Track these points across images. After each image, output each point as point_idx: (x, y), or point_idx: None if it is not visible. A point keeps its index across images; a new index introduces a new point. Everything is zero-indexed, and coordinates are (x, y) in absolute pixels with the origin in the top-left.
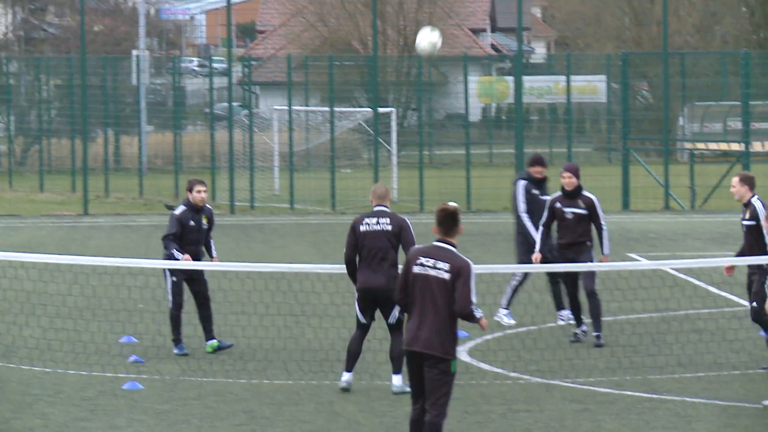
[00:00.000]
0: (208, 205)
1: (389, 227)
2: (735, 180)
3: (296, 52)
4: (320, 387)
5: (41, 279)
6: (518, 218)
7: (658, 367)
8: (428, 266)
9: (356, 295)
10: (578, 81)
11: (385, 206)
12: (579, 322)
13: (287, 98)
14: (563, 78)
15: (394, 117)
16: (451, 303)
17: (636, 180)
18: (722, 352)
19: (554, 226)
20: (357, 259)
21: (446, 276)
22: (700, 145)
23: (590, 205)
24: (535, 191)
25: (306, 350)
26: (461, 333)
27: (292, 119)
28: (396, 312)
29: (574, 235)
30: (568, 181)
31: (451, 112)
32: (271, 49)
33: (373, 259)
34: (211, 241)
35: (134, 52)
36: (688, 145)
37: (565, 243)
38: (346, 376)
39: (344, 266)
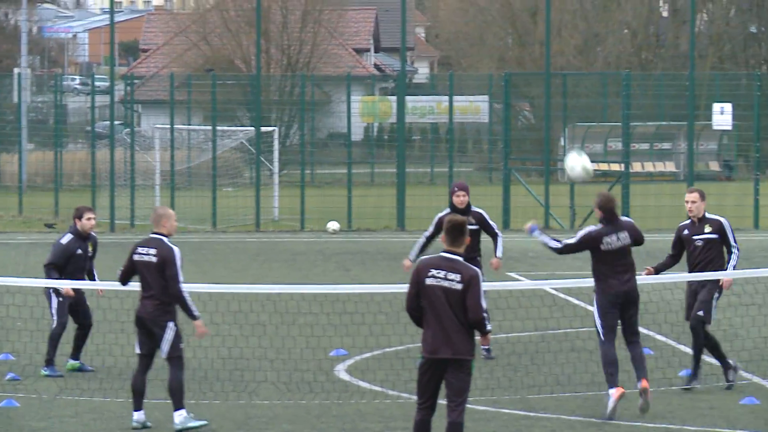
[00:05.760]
0: (93, 232)
1: (154, 259)
2: (695, 196)
3: (179, 71)
4: (198, 405)
5: None
6: None
7: (536, 386)
8: (440, 278)
9: None
10: (460, 101)
11: (159, 234)
12: None
13: (170, 117)
14: (446, 98)
15: (276, 136)
16: (464, 311)
17: (516, 200)
18: (599, 371)
19: None
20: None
21: (459, 287)
22: None
23: (480, 220)
24: None
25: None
26: (340, 351)
27: (174, 138)
28: (166, 346)
29: (468, 250)
30: (462, 199)
31: (334, 131)
32: (153, 68)
33: (144, 287)
34: (94, 268)
35: (16, 70)
36: None
37: None
38: (136, 415)
39: (223, 286)
